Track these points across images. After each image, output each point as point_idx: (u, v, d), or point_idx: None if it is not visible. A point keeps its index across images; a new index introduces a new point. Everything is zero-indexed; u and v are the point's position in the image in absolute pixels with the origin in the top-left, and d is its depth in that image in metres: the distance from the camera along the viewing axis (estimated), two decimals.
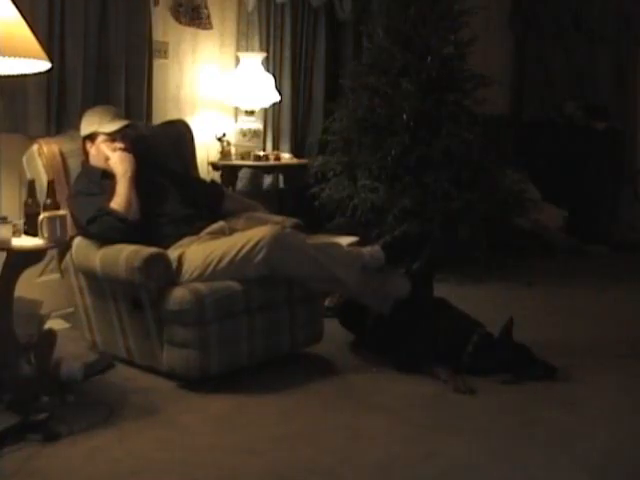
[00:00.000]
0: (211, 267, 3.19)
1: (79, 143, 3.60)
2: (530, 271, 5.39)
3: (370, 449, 2.68)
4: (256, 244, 3.16)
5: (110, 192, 3.36)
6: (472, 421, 2.92)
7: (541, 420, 2.94)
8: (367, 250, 3.40)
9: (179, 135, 4.02)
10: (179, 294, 3.10)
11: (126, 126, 3.55)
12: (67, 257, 3.45)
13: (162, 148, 3.87)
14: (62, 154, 3.54)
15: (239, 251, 3.18)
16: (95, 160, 3.52)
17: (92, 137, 3.52)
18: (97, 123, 3.52)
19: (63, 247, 3.35)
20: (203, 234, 3.43)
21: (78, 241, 3.39)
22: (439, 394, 3.16)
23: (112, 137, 3.49)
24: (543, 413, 3.00)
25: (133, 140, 3.58)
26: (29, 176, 3.41)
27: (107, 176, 3.45)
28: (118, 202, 3.31)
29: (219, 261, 3.19)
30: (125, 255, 3.15)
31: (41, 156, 3.47)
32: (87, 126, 3.55)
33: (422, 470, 2.53)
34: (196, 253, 3.26)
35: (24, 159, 3.53)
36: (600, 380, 3.35)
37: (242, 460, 2.57)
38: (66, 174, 3.54)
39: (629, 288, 5.11)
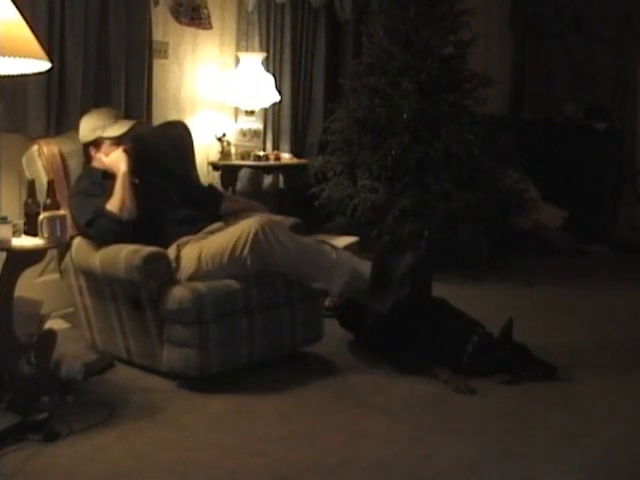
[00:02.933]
0: (205, 265, 3.21)
1: (79, 144, 3.60)
2: (530, 271, 5.39)
3: (370, 449, 2.68)
4: (239, 239, 3.17)
5: (109, 192, 3.37)
6: (472, 421, 2.92)
7: (541, 420, 2.94)
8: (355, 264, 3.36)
9: (178, 136, 4.02)
10: (178, 293, 3.10)
11: (131, 128, 3.53)
12: (67, 257, 3.46)
13: (162, 148, 3.87)
14: (62, 155, 3.54)
15: (227, 247, 3.19)
16: (102, 164, 3.49)
17: (97, 143, 3.50)
18: (101, 128, 3.49)
19: (63, 247, 3.35)
20: (201, 234, 3.43)
21: (78, 241, 3.39)
22: (439, 394, 3.16)
23: (118, 141, 3.48)
24: (543, 413, 3.00)
25: (136, 138, 3.56)
26: (28, 176, 3.41)
27: (109, 177, 3.45)
28: (113, 203, 3.30)
29: (212, 259, 3.21)
30: (124, 254, 3.15)
31: (41, 157, 3.47)
32: (90, 132, 3.52)
33: (422, 470, 2.53)
34: (192, 252, 3.27)
35: (24, 159, 3.53)
36: (600, 380, 3.35)
37: (242, 460, 2.57)
38: (66, 175, 3.54)
39: (629, 288, 5.11)
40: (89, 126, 3.53)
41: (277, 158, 5.24)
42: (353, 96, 5.33)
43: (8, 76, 2.98)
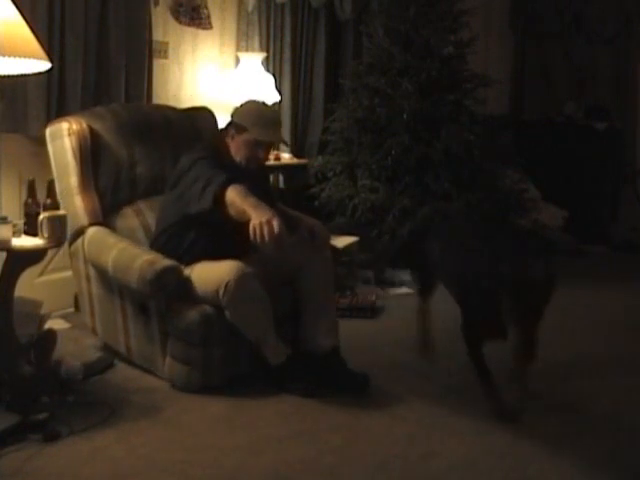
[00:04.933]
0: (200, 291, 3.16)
1: (110, 122, 3.51)
2: None
3: (370, 449, 2.68)
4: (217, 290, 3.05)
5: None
6: (472, 421, 2.92)
7: (541, 420, 2.94)
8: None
9: (209, 127, 3.90)
10: (188, 314, 3.07)
11: (279, 139, 3.45)
12: (78, 242, 3.38)
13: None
14: (92, 131, 3.43)
15: (211, 286, 3.09)
16: (232, 147, 3.26)
17: (240, 129, 3.23)
18: (252, 121, 3.23)
19: (77, 231, 3.33)
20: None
21: (93, 232, 3.34)
22: (439, 394, 3.16)
23: (257, 143, 3.23)
24: (543, 413, 3.00)
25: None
26: (50, 150, 3.39)
27: (226, 165, 3.19)
28: (235, 193, 2.94)
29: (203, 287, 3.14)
30: (139, 264, 3.06)
31: (70, 136, 3.37)
32: (243, 116, 3.27)
33: (422, 470, 2.54)
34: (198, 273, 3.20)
35: (48, 132, 3.43)
36: (600, 380, 3.35)
37: (242, 460, 2.57)
38: (94, 153, 3.43)
39: (629, 288, 5.11)
40: (246, 111, 3.30)
41: (277, 158, 5.24)
42: (353, 96, 5.33)
43: (8, 76, 2.98)
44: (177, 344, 3.11)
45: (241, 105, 3.38)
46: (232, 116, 3.34)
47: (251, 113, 3.28)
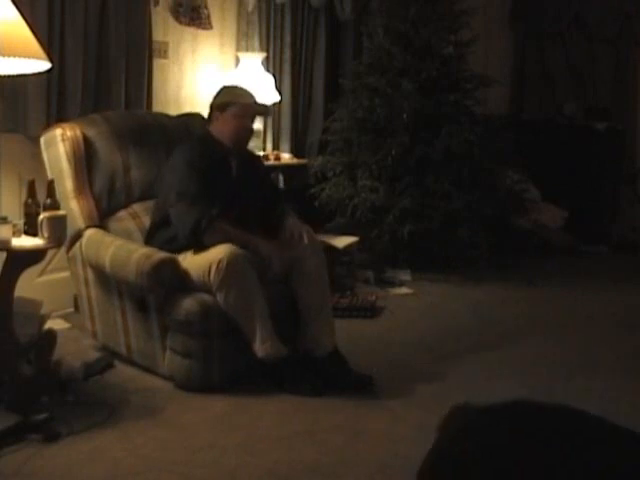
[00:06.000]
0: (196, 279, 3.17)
1: (103, 127, 3.53)
2: (530, 271, 5.39)
3: (370, 449, 2.68)
4: (209, 268, 3.08)
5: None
6: None
7: None
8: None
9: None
10: (187, 304, 3.07)
11: (263, 106, 3.57)
12: (76, 246, 3.39)
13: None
14: (86, 138, 3.45)
15: (202, 271, 3.11)
16: (219, 131, 3.40)
17: (223, 107, 3.39)
18: (234, 94, 3.44)
19: (74, 235, 3.34)
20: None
21: (90, 234, 3.35)
22: (439, 393, 3.15)
23: (244, 111, 3.39)
24: None
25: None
26: (45, 157, 3.39)
27: (221, 149, 3.35)
28: (222, 230, 3.17)
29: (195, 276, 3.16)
30: (136, 258, 3.09)
31: (64, 142, 3.38)
32: (223, 96, 3.44)
33: None
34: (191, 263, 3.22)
35: (42, 140, 3.44)
36: (599, 380, 3.35)
37: (242, 460, 2.57)
38: (88, 160, 3.44)
39: (629, 288, 5.11)
40: (226, 93, 3.47)
41: (277, 158, 5.24)
42: (353, 96, 5.33)
43: (8, 76, 2.98)
44: (177, 337, 3.12)
45: (218, 93, 3.52)
46: (212, 104, 3.49)
47: (230, 90, 3.51)
